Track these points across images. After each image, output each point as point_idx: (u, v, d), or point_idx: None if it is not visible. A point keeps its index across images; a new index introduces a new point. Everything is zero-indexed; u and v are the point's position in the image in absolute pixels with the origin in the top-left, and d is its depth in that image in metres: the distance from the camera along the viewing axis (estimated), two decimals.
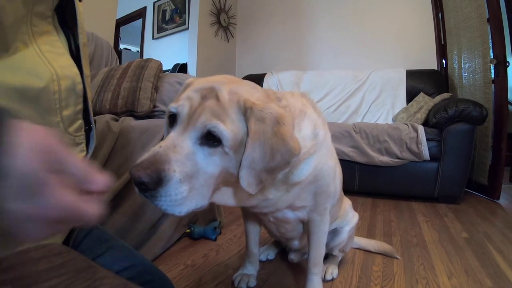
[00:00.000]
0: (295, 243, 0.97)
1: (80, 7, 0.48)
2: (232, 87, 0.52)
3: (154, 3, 4.21)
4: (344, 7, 3.22)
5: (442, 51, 2.77)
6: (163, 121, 1.23)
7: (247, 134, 0.50)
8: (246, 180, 0.50)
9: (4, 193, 0.20)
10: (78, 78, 0.47)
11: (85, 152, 0.51)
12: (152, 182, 0.42)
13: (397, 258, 1.12)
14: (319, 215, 0.80)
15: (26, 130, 0.22)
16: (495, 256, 1.17)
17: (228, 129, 0.48)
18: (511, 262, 1.12)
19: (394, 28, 2.99)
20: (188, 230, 1.29)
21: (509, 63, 2.01)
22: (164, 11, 4.13)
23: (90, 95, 0.52)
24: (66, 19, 0.49)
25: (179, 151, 0.46)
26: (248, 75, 3.20)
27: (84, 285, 0.21)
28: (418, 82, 2.54)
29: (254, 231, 0.96)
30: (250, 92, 0.53)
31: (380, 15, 3.05)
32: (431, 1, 2.81)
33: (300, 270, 1.05)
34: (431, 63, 2.81)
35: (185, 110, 0.50)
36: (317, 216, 0.80)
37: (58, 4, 0.46)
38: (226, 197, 0.59)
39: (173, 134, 0.49)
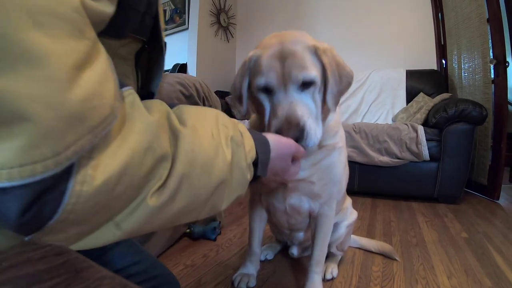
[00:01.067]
0: (300, 235, 0.99)
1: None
2: (295, 39, 0.65)
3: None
4: (344, 7, 3.22)
5: (442, 51, 2.77)
6: None
7: (322, 68, 0.64)
8: (330, 102, 0.65)
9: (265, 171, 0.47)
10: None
11: None
12: (301, 135, 0.59)
13: (396, 259, 1.11)
14: (330, 209, 0.84)
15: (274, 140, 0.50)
16: (495, 256, 1.17)
17: (313, 72, 0.62)
18: (510, 262, 1.12)
19: (394, 28, 2.99)
20: (188, 230, 1.29)
21: (509, 63, 2.01)
22: (164, 11, 4.13)
23: None
24: (138, 63, 0.51)
25: (297, 104, 0.61)
26: None
27: (84, 285, 0.21)
28: (418, 82, 2.54)
29: (260, 228, 0.96)
30: (306, 37, 0.68)
31: (380, 15, 3.05)
32: (431, 1, 2.81)
33: (300, 270, 1.05)
34: (431, 63, 2.82)
35: (275, 79, 0.62)
36: (328, 210, 0.84)
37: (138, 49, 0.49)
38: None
39: (281, 97, 0.63)
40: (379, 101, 2.60)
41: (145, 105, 0.32)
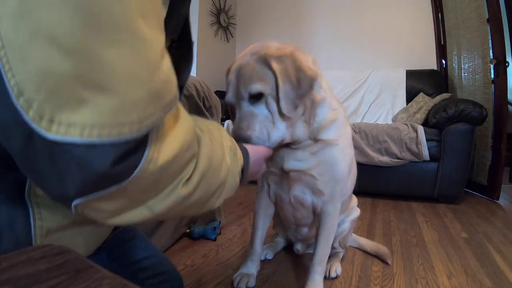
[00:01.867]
0: (304, 230, 1.01)
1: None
2: (252, 51, 0.69)
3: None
4: (343, 7, 3.22)
5: (441, 51, 2.77)
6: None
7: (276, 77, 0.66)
8: (285, 107, 0.66)
9: (246, 177, 0.50)
10: None
11: None
12: (247, 142, 0.63)
13: (387, 263, 1.09)
14: (334, 208, 0.85)
15: (251, 150, 0.55)
16: (495, 256, 1.17)
17: (259, 84, 0.65)
18: (510, 262, 1.12)
19: (394, 28, 2.99)
20: (188, 230, 1.29)
21: (508, 63, 2.01)
22: None
23: None
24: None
25: (244, 118, 0.67)
26: None
27: (84, 285, 0.21)
28: (418, 82, 2.55)
29: (264, 225, 0.98)
30: (265, 47, 0.69)
31: (380, 15, 3.05)
32: (431, 1, 2.82)
33: (300, 270, 1.05)
34: (430, 63, 2.82)
35: (231, 96, 0.70)
36: (331, 208, 0.85)
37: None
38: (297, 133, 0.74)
39: (237, 112, 0.70)
40: (379, 101, 2.60)
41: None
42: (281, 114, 0.68)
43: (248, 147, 0.56)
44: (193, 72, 3.15)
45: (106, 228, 0.49)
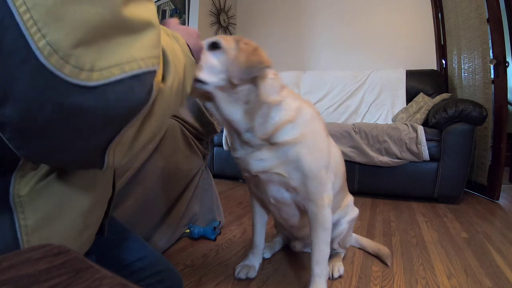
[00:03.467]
0: (297, 229, 1.02)
1: None
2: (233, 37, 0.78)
3: (154, 3, 4.22)
4: (343, 7, 3.22)
5: (441, 51, 2.77)
6: None
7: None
8: (232, 70, 0.70)
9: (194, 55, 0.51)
10: None
11: None
12: None
13: (387, 265, 1.09)
14: (316, 206, 0.83)
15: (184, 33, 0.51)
16: (495, 256, 1.17)
17: (222, 39, 0.74)
18: (510, 262, 1.12)
19: (394, 28, 2.99)
20: (188, 230, 1.29)
21: (508, 64, 2.01)
22: (164, 11, 4.13)
23: None
24: None
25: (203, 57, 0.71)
26: None
27: (84, 285, 0.21)
28: (418, 83, 2.55)
29: (261, 221, 1.03)
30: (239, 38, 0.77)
31: (379, 15, 3.05)
32: (431, 1, 2.81)
33: (300, 270, 1.05)
34: (430, 64, 2.82)
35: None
36: (313, 206, 0.83)
37: None
38: (231, 108, 0.76)
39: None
40: (379, 101, 2.60)
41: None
42: (227, 78, 0.72)
43: (180, 31, 0.57)
44: None
45: (92, 220, 0.48)
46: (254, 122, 0.76)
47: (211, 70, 0.72)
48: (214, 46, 0.74)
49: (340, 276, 1.00)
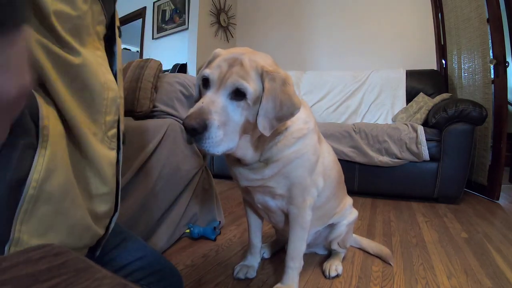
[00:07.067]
0: (286, 233, 1.02)
1: (119, 41, 0.60)
2: (251, 56, 0.66)
3: (153, 3, 4.21)
4: (343, 7, 3.22)
5: (441, 51, 2.77)
6: (163, 121, 1.23)
7: (263, 91, 0.65)
8: (262, 124, 0.65)
9: None
10: (118, 94, 0.55)
11: (115, 159, 0.56)
12: (200, 128, 0.58)
13: (390, 264, 1.09)
14: (297, 208, 0.85)
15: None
16: (495, 256, 1.17)
17: (251, 86, 0.63)
18: (510, 262, 1.12)
19: (394, 28, 2.99)
20: (188, 230, 1.29)
21: (508, 64, 2.01)
22: (164, 11, 4.13)
23: (122, 112, 0.60)
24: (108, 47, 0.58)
25: (216, 105, 0.61)
26: None
27: (84, 285, 0.21)
28: (418, 83, 2.55)
29: (255, 223, 1.03)
30: (264, 59, 0.68)
31: (379, 15, 3.05)
32: (431, 1, 2.81)
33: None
34: (430, 64, 2.82)
35: (216, 75, 0.64)
36: (294, 209, 0.85)
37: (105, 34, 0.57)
38: (244, 150, 0.73)
39: (210, 93, 0.64)
40: (379, 101, 2.60)
41: None
42: (244, 128, 0.67)
43: None
44: (193, 72, 3.15)
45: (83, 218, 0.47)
46: (261, 152, 0.76)
47: (231, 130, 0.63)
48: (238, 93, 0.63)
49: (337, 275, 1.00)
